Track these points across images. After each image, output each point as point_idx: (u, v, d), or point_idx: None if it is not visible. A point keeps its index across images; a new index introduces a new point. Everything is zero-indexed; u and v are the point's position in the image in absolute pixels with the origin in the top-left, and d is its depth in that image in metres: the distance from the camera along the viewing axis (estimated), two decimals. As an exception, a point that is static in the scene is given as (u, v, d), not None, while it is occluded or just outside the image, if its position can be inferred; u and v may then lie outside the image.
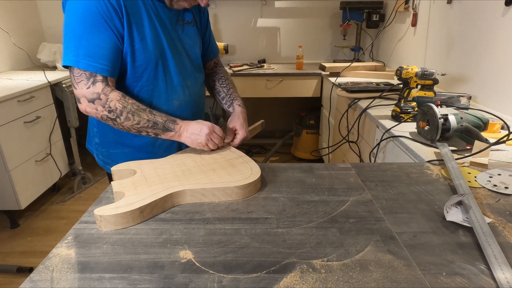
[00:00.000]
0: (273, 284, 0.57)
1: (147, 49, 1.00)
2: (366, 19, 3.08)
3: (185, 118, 1.07)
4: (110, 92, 0.94)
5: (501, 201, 0.83)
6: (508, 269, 0.59)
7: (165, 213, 0.79)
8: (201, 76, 1.21)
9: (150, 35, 0.99)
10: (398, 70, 1.45)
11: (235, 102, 1.23)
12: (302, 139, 3.26)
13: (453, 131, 1.16)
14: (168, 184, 0.84)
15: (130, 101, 0.97)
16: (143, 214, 0.76)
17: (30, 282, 0.59)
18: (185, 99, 1.12)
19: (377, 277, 0.59)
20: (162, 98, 1.07)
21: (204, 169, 0.93)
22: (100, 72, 0.92)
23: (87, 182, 2.95)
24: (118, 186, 0.84)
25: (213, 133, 1.01)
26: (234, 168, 0.92)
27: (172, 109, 1.09)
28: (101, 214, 0.72)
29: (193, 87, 1.15)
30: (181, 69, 1.09)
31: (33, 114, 2.38)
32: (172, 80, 1.08)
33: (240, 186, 0.83)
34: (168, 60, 1.05)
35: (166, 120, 1.00)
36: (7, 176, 2.18)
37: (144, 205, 0.75)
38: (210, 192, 0.83)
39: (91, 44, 0.91)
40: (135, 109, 0.97)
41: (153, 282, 0.58)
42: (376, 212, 0.78)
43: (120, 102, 0.95)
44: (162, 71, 1.05)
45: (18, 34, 2.99)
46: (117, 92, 0.96)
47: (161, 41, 1.02)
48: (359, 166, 1.03)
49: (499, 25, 1.57)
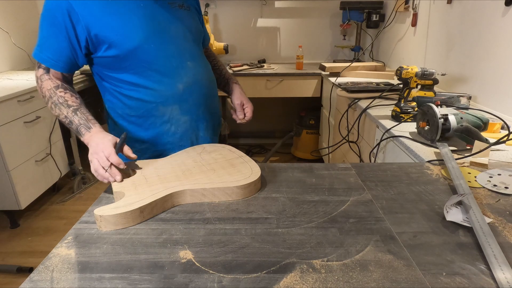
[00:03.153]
0: (273, 284, 0.57)
1: (130, 37, 0.98)
2: (366, 19, 3.08)
3: (198, 100, 1.12)
4: (46, 80, 1.00)
5: (501, 201, 0.83)
6: (508, 269, 0.59)
7: (165, 213, 0.79)
8: (204, 58, 1.21)
9: (133, 23, 0.98)
10: (398, 70, 1.45)
11: (230, 81, 1.30)
12: (302, 139, 3.26)
13: (453, 131, 1.16)
14: (168, 184, 0.83)
15: (60, 93, 0.98)
16: (143, 214, 0.75)
17: (30, 282, 0.59)
18: (189, 81, 1.09)
19: (377, 277, 0.59)
20: (164, 83, 1.05)
21: (204, 169, 0.92)
22: (41, 61, 1.00)
23: (87, 182, 2.95)
24: (118, 186, 0.83)
25: (100, 169, 0.86)
26: (234, 168, 0.92)
27: (179, 92, 1.08)
28: (101, 214, 0.72)
29: (197, 68, 1.12)
30: (179, 51, 1.07)
31: (33, 114, 2.38)
32: (171, 63, 1.05)
33: (240, 186, 0.83)
34: (159, 45, 1.03)
35: (80, 124, 0.96)
36: (7, 176, 2.18)
37: (144, 205, 0.75)
38: (210, 192, 0.83)
39: (43, 38, 1.01)
40: (59, 102, 0.98)
41: (153, 282, 0.58)
42: (376, 212, 0.78)
43: (49, 91, 0.99)
44: (153, 56, 1.02)
45: (18, 34, 2.99)
46: (53, 82, 1.00)
47: (148, 28, 1.01)
48: (359, 166, 1.03)
49: (499, 25, 1.57)
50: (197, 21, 1.19)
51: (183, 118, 1.11)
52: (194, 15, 1.17)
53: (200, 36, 1.19)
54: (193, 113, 1.13)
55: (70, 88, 1.02)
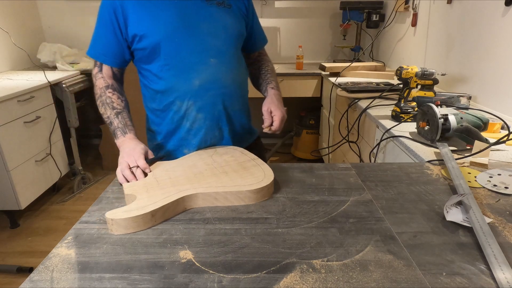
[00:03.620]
0: (273, 284, 0.57)
1: (157, 31, 1.02)
2: (366, 19, 3.08)
3: (214, 98, 1.08)
4: (99, 78, 1.09)
5: (501, 201, 0.83)
6: (508, 269, 0.59)
7: (165, 213, 0.79)
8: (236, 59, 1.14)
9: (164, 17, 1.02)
10: (398, 70, 1.45)
11: (268, 86, 1.22)
12: (302, 139, 3.26)
13: (453, 131, 1.16)
14: (180, 187, 0.82)
15: (108, 94, 1.07)
16: (155, 218, 0.74)
17: (30, 282, 0.59)
18: (207, 78, 1.07)
19: (377, 277, 0.59)
20: (182, 77, 1.06)
21: (216, 172, 0.90)
22: (92, 56, 1.09)
23: (87, 182, 2.95)
24: (129, 189, 0.82)
25: (126, 169, 0.91)
26: (246, 171, 0.90)
27: (194, 88, 1.06)
28: (112, 218, 0.70)
29: (220, 66, 1.08)
30: (202, 48, 1.06)
31: (33, 114, 2.38)
32: (191, 58, 1.05)
33: (253, 190, 0.81)
34: (183, 39, 1.04)
35: (118, 127, 1.04)
36: (7, 176, 2.18)
37: (156, 209, 0.73)
38: (223, 196, 0.81)
39: (95, 35, 1.08)
40: (106, 102, 1.07)
41: (153, 282, 0.58)
42: (376, 212, 0.78)
43: (100, 90, 1.08)
44: (175, 50, 1.04)
45: (18, 34, 2.99)
46: (104, 81, 1.08)
47: (176, 23, 1.03)
48: (359, 166, 1.03)
49: (499, 25, 1.57)
50: (238, 20, 1.13)
51: (198, 115, 1.09)
52: (236, 14, 1.13)
53: (237, 35, 1.13)
54: (208, 111, 1.09)
55: (119, 89, 1.11)
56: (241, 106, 1.18)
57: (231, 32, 1.11)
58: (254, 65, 1.29)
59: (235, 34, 1.12)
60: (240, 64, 1.16)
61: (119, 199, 0.85)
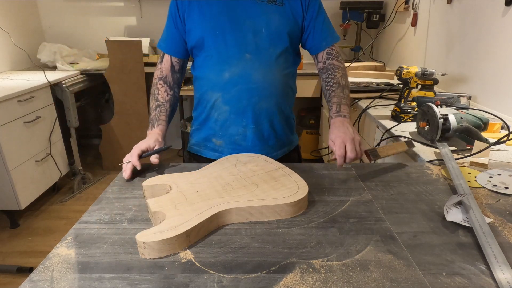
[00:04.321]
0: (273, 284, 0.57)
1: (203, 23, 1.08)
2: (366, 19, 3.08)
3: (240, 93, 1.08)
4: (158, 69, 1.18)
5: (501, 201, 0.83)
6: (508, 269, 0.58)
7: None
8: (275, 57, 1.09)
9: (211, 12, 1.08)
10: (398, 70, 1.45)
11: (331, 111, 1.09)
12: (302, 139, 3.26)
13: (453, 131, 1.16)
14: (210, 202, 0.76)
15: (158, 85, 1.16)
16: (189, 238, 0.67)
17: (30, 282, 0.59)
18: (237, 71, 1.07)
19: (377, 277, 0.59)
20: (216, 69, 1.10)
21: (244, 183, 0.84)
22: (158, 47, 1.19)
23: (87, 182, 2.95)
24: (156, 206, 0.75)
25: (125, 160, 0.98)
26: (277, 182, 0.84)
27: (224, 80, 1.09)
28: (144, 241, 0.63)
29: (254, 62, 1.07)
30: (241, 42, 1.07)
31: (33, 114, 2.38)
32: (227, 51, 1.08)
33: (290, 203, 0.76)
34: (225, 33, 1.07)
35: (152, 120, 1.12)
36: (7, 176, 2.18)
37: (191, 228, 0.67)
38: (258, 211, 0.75)
39: (164, 29, 1.18)
40: (154, 93, 1.16)
41: (153, 282, 0.58)
42: (376, 212, 0.78)
43: (154, 80, 1.17)
44: (214, 42, 1.08)
45: (18, 34, 2.99)
46: (160, 72, 1.16)
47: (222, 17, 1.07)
48: (359, 166, 1.03)
49: (499, 25, 1.57)
50: (287, 19, 1.10)
51: (224, 107, 1.11)
52: (287, 12, 1.10)
53: (281, 34, 1.09)
54: (233, 105, 1.10)
55: (171, 82, 1.17)
56: (272, 107, 1.12)
57: (274, 30, 1.08)
58: (322, 74, 1.17)
59: (279, 33, 1.09)
60: (280, 64, 1.11)
61: (119, 199, 0.85)
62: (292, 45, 1.13)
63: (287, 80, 1.15)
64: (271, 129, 1.15)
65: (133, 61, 2.86)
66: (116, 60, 2.84)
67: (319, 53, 1.17)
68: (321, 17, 1.15)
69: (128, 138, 3.06)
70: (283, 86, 1.13)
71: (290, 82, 1.18)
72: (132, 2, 3.33)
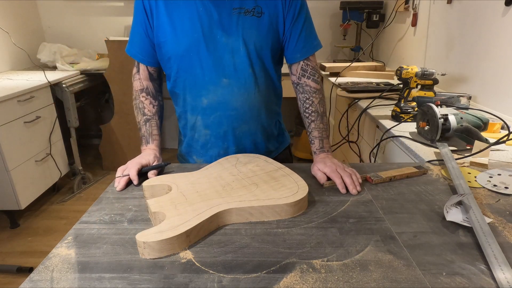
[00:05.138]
0: (273, 284, 0.57)
1: (176, 42, 0.99)
2: (366, 19, 3.08)
3: (220, 120, 1.04)
4: (136, 80, 1.11)
5: (501, 201, 0.83)
6: (508, 269, 0.58)
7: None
8: (254, 78, 1.03)
9: (183, 27, 0.98)
10: (398, 70, 1.45)
11: (314, 146, 1.04)
12: (302, 139, 3.26)
13: (453, 131, 1.16)
14: (210, 202, 0.76)
15: (142, 98, 1.09)
16: (189, 238, 0.68)
17: (30, 282, 0.59)
18: (215, 99, 1.02)
19: (377, 277, 0.59)
20: (192, 93, 1.04)
21: (244, 183, 0.84)
22: (128, 53, 1.10)
23: (87, 182, 2.95)
24: (156, 206, 0.75)
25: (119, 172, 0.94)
26: (277, 182, 0.84)
27: (202, 106, 1.04)
28: (144, 241, 0.64)
29: (232, 88, 1.02)
30: (218, 65, 1.00)
31: (33, 114, 2.38)
32: (204, 76, 1.01)
33: (290, 204, 0.76)
34: (200, 54, 0.99)
35: (144, 135, 1.07)
36: (7, 176, 2.18)
37: (190, 228, 0.67)
38: (258, 211, 0.75)
39: (131, 33, 1.08)
40: (139, 107, 1.09)
41: (153, 282, 0.58)
42: (376, 212, 0.78)
43: (136, 92, 1.10)
44: (189, 64, 1.01)
45: (18, 34, 2.99)
46: (140, 84, 1.10)
47: (196, 34, 0.98)
48: (359, 166, 1.03)
49: (499, 25, 1.57)
50: (267, 32, 1.00)
51: (204, 130, 1.08)
52: (266, 24, 0.99)
53: (261, 50, 1.01)
54: (214, 129, 1.07)
55: (154, 92, 1.11)
56: (254, 128, 1.09)
57: (252, 48, 1.00)
58: (298, 92, 1.09)
59: (258, 49, 1.01)
60: (261, 82, 1.05)
61: (119, 199, 0.85)
62: (273, 59, 1.06)
63: (269, 98, 1.09)
64: (253, 146, 1.12)
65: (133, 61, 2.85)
66: (116, 60, 2.84)
67: (293, 64, 1.07)
68: (300, 23, 1.02)
69: (128, 138, 3.06)
70: (264, 106, 1.08)
71: (274, 97, 1.12)
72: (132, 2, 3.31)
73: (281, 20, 1.01)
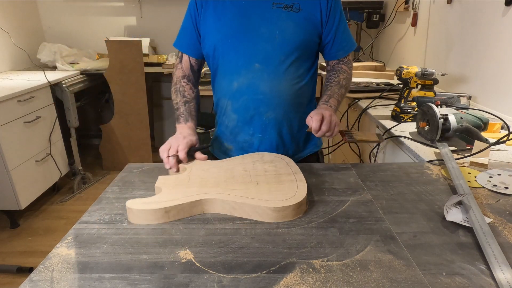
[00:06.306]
0: (273, 284, 0.57)
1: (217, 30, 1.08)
2: (366, 19, 3.08)
3: (247, 103, 1.09)
4: (178, 69, 1.19)
5: (501, 201, 0.83)
6: (508, 269, 0.59)
7: (165, 213, 0.79)
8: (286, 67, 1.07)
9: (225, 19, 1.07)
10: (398, 70, 1.45)
11: (320, 100, 1.09)
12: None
13: (453, 131, 1.16)
14: (203, 189, 0.80)
15: (183, 83, 1.16)
16: (168, 215, 0.75)
17: (30, 282, 0.59)
18: (245, 82, 1.07)
19: (377, 277, 0.59)
20: (226, 78, 1.11)
21: (247, 180, 0.85)
22: (175, 46, 1.20)
23: (87, 182, 2.95)
24: (160, 181, 0.84)
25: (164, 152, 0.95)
26: (278, 185, 0.83)
27: (233, 90, 1.10)
28: (129, 207, 0.74)
29: (263, 73, 1.06)
30: (251, 51, 1.06)
31: (33, 114, 2.38)
32: (238, 60, 1.07)
33: (272, 208, 0.74)
34: (236, 41, 1.07)
35: (183, 114, 1.11)
36: (7, 176, 2.18)
37: (170, 206, 0.75)
38: (240, 207, 0.76)
39: (181, 27, 1.18)
40: (179, 90, 1.15)
41: (153, 282, 0.58)
42: (376, 212, 0.78)
43: (177, 78, 1.17)
44: (226, 50, 1.08)
45: (18, 34, 2.99)
46: (182, 71, 1.18)
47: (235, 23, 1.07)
48: (359, 166, 1.03)
49: (499, 25, 1.57)
50: (304, 26, 1.06)
51: (232, 115, 1.13)
52: (305, 19, 1.06)
53: (296, 42, 1.06)
54: (241, 114, 1.11)
55: (194, 81, 1.20)
56: (280, 117, 1.10)
57: (287, 38, 1.05)
58: (328, 74, 1.18)
59: (293, 40, 1.06)
60: (290, 74, 1.08)
61: (119, 199, 0.85)
62: (306, 53, 1.10)
63: (298, 90, 1.10)
64: (279, 139, 1.13)
65: (133, 61, 2.86)
66: (116, 60, 2.84)
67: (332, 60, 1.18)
68: (342, 26, 1.12)
69: (128, 138, 3.06)
70: (292, 97, 1.10)
71: (304, 91, 1.13)
72: (132, 2, 3.33)
73: (318, 20, 1.09)
